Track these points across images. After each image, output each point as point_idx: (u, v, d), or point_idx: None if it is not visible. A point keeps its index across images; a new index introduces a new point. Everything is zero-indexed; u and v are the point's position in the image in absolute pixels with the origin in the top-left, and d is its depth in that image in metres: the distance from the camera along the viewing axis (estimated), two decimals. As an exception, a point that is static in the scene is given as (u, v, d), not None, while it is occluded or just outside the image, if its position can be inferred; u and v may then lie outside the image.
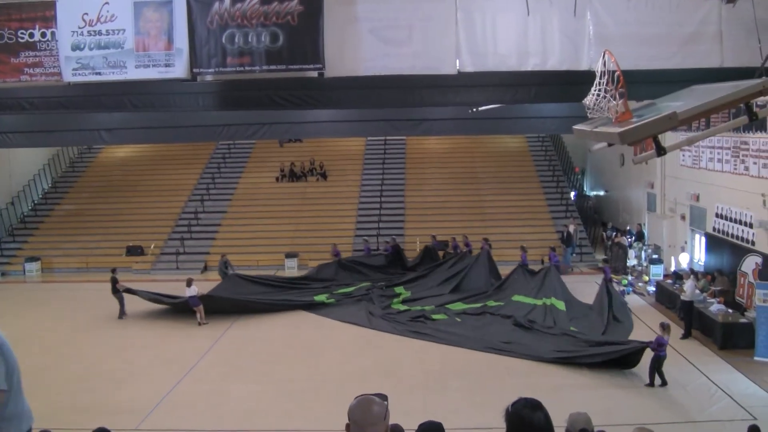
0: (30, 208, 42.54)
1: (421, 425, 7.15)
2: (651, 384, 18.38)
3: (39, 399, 18.46)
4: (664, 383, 18.30)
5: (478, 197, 39.26)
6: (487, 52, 16.21)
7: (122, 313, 26.72)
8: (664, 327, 19.13)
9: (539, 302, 26.05)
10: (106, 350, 22.98)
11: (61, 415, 17.21)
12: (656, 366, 18.34)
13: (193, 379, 20.33)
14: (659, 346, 18.25)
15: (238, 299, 27.02)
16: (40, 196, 43.70)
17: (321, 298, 28.27)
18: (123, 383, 19.96)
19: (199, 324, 25.24)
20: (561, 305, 25.64)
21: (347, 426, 3.98)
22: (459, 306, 26.65)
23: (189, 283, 25.43)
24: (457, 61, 16.17)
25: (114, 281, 26.86)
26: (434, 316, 25.42)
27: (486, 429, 15.12)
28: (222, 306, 26.37)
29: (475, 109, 22.99)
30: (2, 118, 24.84)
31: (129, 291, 27.07)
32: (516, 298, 26.79)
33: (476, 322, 24.77)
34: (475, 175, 41.30)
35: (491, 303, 26.65)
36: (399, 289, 28.92)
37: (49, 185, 44.69)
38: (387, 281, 30.38)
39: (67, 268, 36.28)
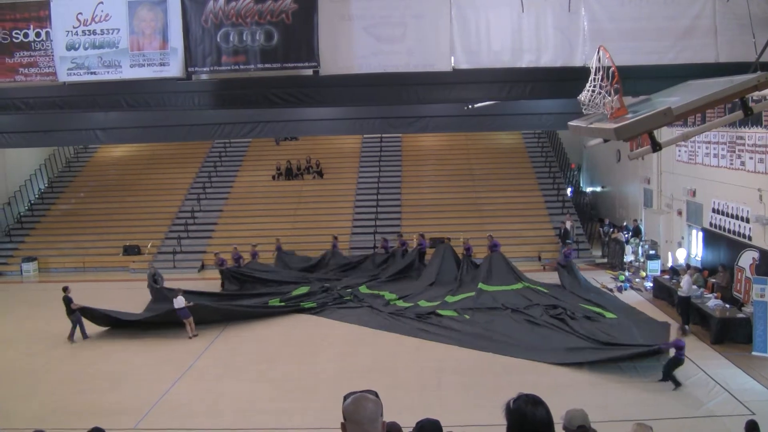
0: (26, 208, 42.49)
1: (418, 423, 7.14)
2: (665, 380, 18.27)
3: (34, 400, 18.58)
4: (677, 385, 18.04)
5: (474, 194, 39.27)
6: (482, 48, 16.23)
7: (73, 335, 24.07)
8: (684, 330, 19.08)
9: (519, 286, 27.56)
10: (100, 351, 22.95)
11: (55, 416, 17.23)
12: (671, 367, 18.17)
13: (190, 379, 20.31)
14: (678, 349, 18.10)
15: (217, 307, 26.40)
16: (37, 196, 43.65)
17: (274, 302, 27.89)
18: (118, 384, 19.94)
19: (190, 337, 23.89)
20: (540, 287, 27.36)
21: (342, 425, 3.97)
22: (451, 298, 26.95)
23: (176, 294, 24.33)
24: (452, 57, 16.19)
25: (68, 301, 24.17)
26: (442, 312, 25.35)
27: (484, 426, 15.14)
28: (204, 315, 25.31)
29: (470, 106, 22.99)
30: (-2, 118, 24.85)
31: (85, 311, 24.43)
32: (485, 287, 27.72)
33: (484, 317, 24.74)
34: (472, 172, 41.31)
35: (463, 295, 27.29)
36: (384, 293, 28.61)
37: (46, 185, 44.65)
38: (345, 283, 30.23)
39: (64, 268, 36.24)
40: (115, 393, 19.24)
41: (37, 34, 15.09)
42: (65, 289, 24.47)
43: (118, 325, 25.00)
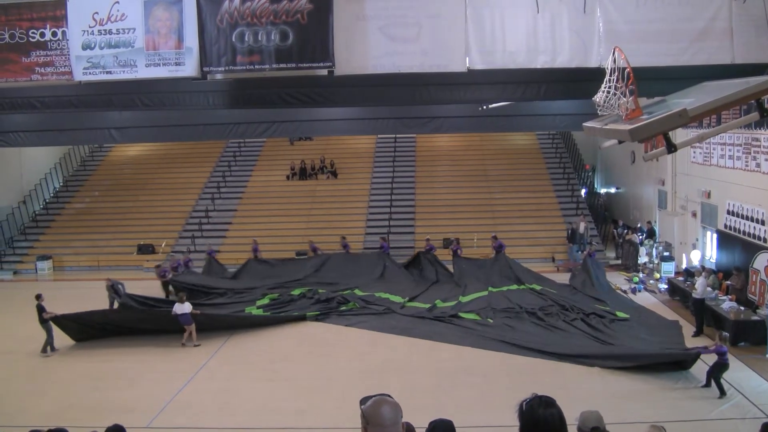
0: (41, 206, 42.69)
1: (431, 423, 7.14)
2: (707, 385, 18.02)
3: (48, 397, 18.66)
4: (722, 393, 17.57)
5: (488, 195, 39.21)
6: (497, 49, 16.24)
7: (49, 347, 22.89)
8: (722, 337, 18.95)
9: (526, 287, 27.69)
10: (114, 349, 23.02)
11: (70, 413, 17.30)
12: (715, 373, 17.94)
13: (202, 378, 20.36)
14: (720, 355, 17.86)
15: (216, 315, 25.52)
16: (52, 194, 43.86)
17: (256, 307, 27.41)
18: (132, 382, 20.02)
19: (194, 345, 23.00)
20: (546, 287, 27.56)
21: (364, 429, 3.97)
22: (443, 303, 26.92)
23: (182, 299, 23.69)
24: (467, 58, 16.20)
25: (41, 309, 22.89)
26: (463, 315, 25.16)
27: (497, 427, 15.11)
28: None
29: (484, 107, 22.98)
30: (13, 117, 24.96)
31: (57, 320, 23.12)
32: (493, 289, 27.69)
33: (500, 317, 24.67)
34: (486, 173, 41.24)
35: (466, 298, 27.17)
36: (387, 295, 28.24)
37: (61, 184, 44.86)
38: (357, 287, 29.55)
39: (79, 266, 36.39)
40: (128, 391, 19.30)
41: (54, 34, 15.16)
42: (38, 297, 23.17)
43: (99, 334, 24.02)
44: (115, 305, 26.13)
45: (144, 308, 24.81)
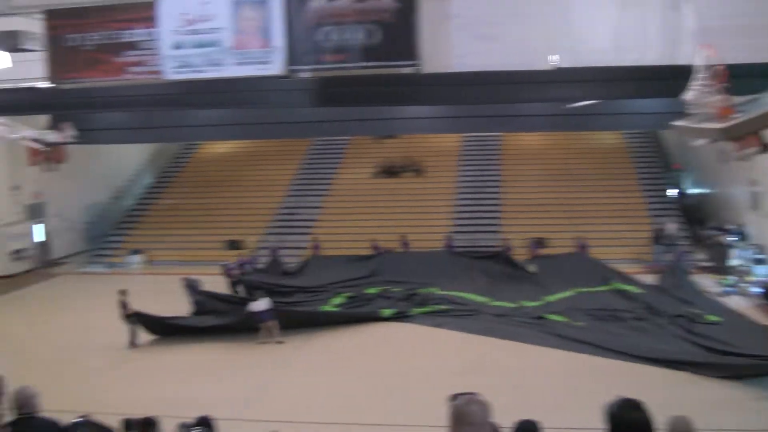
0: (134, 202, 43.73)
1: (517, 423, 7.12)
2: None
3: (138, 388, 19.09)
4: None
5: (574, 194, 38.63)
6: (583, 47, 16.04)
7: (133, 340, 23.30)
8: None
9: (609, 287, 27.16)
10: (199, 343, 23.42)
11: (159, 404, 17.62)
12: None
13: (287, 372, 20.58)
14: None
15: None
16: (143, 190, 44.87)
17: (337, 300, 27.40)
18: (218, 375, 20.36)
19: (276, 342, 22.83)
20: (632, 287, 26.75)
21: (451, 427, 3.97)
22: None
23: (261, 295, 23.70)
24: (552, 56, 16.03)
25: (123, 305, 23.27)
26: (549, 317, 24.75)
27: (583, 429, 14.91)
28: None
29: (570, 105, 22.72)
30: (106, 115, 25.64)
31: (140, 317, 23.55)
32: (572, 291, 27.20)
33: (586, 318, 24.34)
34: (571, 172, 40.65)
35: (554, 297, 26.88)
36: (469, 295, 27.85)
37: (152, 180, 45.86)
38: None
39: (169, 260, 37.04)
40: (214, 384, 19.63)
41: (145, 34, 15.48)
42: (122, 292, 23.39)
43: (176, 332, 24.25)
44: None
45: (218, 306, 25.22)
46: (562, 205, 37.45)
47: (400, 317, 25.52)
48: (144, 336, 23.71)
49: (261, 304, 23.28)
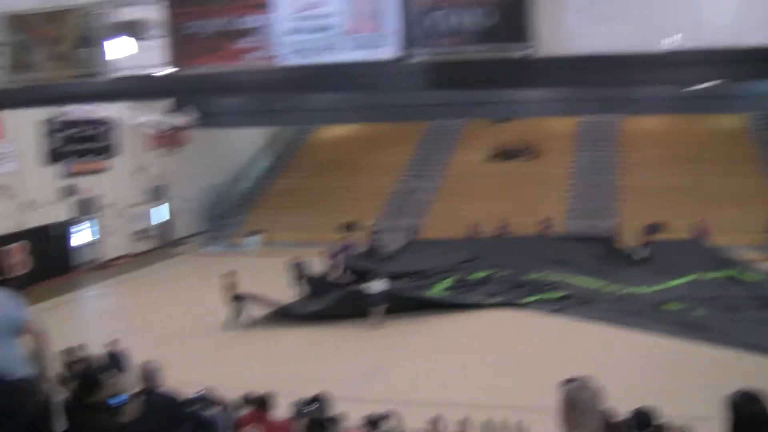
0: (252, 184, 44.68)
1: (634, 410, 7.05)
2: None
3: (255, 366, 19.54)
4: None
5: (695, 179, 37.59)
6: (705, 26, 15.51)
7: (241, 320, 23.86)
8: None
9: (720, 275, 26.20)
10: (310, 324, 23.77)
11: (276, 381, 17.94)
12: None
13: (401, 353, 20.78)
14: None
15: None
16: (261, 172, 45.79)
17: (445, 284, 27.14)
18: (335, 353, 20.71)
19: (378, 327, 22.99)
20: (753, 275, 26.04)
21: (563, 411, 3.94)
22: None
23: (376, 275, 23.87)
24: (672, 37, 15.57)
25: (231, 287, 23.97)
26: (667, 305, 24.24)
27: (701, 419, 14.55)
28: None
29: (691, 88, 22.08)
30: (225, 100, 26.22)
31: (246, 299, 24.01)
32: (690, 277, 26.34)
33: (714, 312, 23.58)
34: (692, 156, 39.52)
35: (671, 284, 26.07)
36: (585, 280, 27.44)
37: (269, 162, 46.76)
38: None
39: (286, 241, 37.61)
40: (331, 362, 19.99)
41: (261, 20, 15.73)
42: (230, 273, 24.14)
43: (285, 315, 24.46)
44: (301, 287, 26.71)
45: (327, 289, 25.54)
46: (682, 190, 36.51)
47: (513, 304, 25.26)
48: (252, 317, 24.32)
49: (376, 286, 23.43)
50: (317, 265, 28.48)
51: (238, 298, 23.83)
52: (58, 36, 16.88)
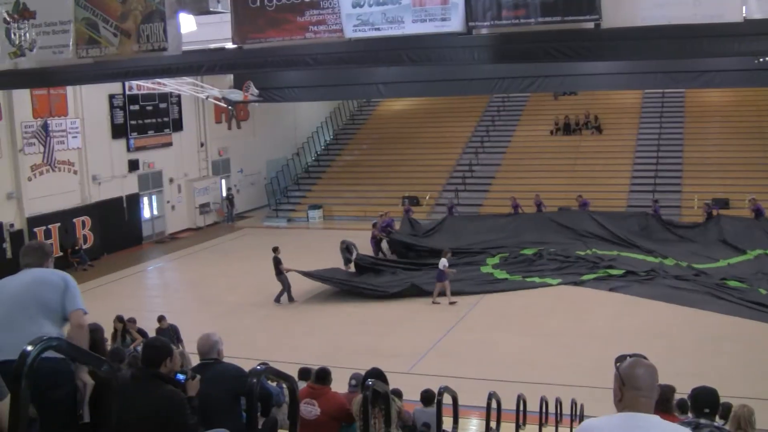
0: (313, 158, 44.92)
1: (694, 390, 6.96)
2: None
3: (318, 339, 19.77)
4: None
5: (763, 153, 36.84)
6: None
7: (286, 296, 23.93)
8: None
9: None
10: (367, 300, 23.93)
11: (337, 355, 18.19)
12: None
13: (462, 328, 20.80)
14: None
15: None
16: (323, 147, 46.00)
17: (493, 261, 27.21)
18: (394, 328, 20.82)
19: (450, 303, 23.00)
20: None
21: (617, 388, 3.91)
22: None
23: (445, 253, 23.81)
24: (744, 7, 15.22)
25: (277, 262, 23.85)
26: (730, 283, 23.85)
27: (762, 400, 14.36)
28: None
29: (762, 59, 21.58)
30: (289, 74, 26.31)
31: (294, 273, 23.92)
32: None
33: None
34: (762, 130, 38.69)
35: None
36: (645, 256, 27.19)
37: (331, 137, 46.93)
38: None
39: (347, 216, 37.79)
40: (390, 337, 20.11)
41: (326, -7, 15.74)
42: (275, 250, 24.09)
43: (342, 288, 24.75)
44: (351, 267, 26.77)
45: (378, 267, 26.08)
46: (750, 165, 35.76)
47: (570, 282, 25.04)
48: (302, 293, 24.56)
49: (444, 263, 23.37)
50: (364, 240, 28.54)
51: (282, 274, 23.82)
52: (124, 11, 17.05)
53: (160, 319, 17.73)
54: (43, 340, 3.51)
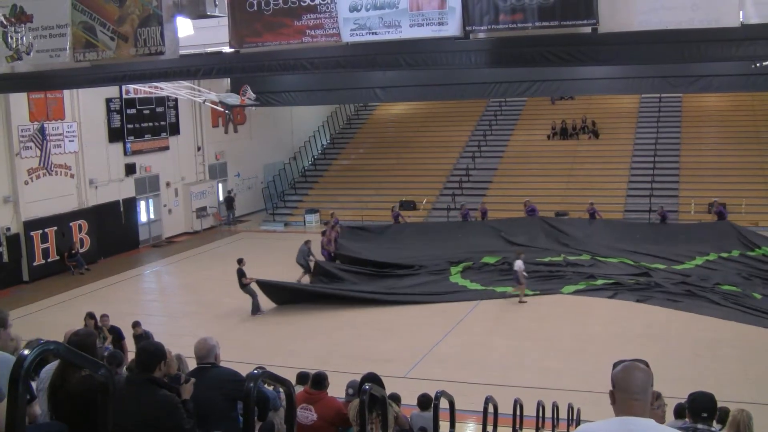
0: (310, 162, 44.93)
1: (691, 395, 6.95)
2: None
3: (315, 342, 19.73)
4: None
5: (759, 158, 36.89)
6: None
7: (257, 309, 23.30)
8: None
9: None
10: (361, 305, 23.80)
11: (332, 358, 18.18)
12: None
13: (459, 332, 20.78)
14: None
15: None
16: (320, 151, 46.01)
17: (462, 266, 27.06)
18: (391, 334, 20.76)
19: (520, 302, 23.19)
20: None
21: (611, 393, 3.91)
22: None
23: (519, 253, 23.86)
24: (741, 12, 15.23)
25: (240, 274, 23.11)
26: (723, 287, 23.85)
27: (761, 405, 14.36)
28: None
29: (758, 64, 21.62)
30: (285, 77, 26.33)
31: (258, 284, 23.49)
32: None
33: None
34: (758, 135, 38.75)
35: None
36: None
37: (328, 141, 46.93)
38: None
39: (344, 220, 37.68)
40: (387, 341, 20.06)
41: (324, -3, 15.74)
42: (239, 262, 23.39)
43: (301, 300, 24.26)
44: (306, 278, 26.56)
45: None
46: (746, 170, 35.83)
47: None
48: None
49: (519, 265, 23.31)
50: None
51: (246, 286, 23.18)
52: (121, 15, 17.04)
53: (135, 325, 17.34)
54: (39, 344, 3.50)
